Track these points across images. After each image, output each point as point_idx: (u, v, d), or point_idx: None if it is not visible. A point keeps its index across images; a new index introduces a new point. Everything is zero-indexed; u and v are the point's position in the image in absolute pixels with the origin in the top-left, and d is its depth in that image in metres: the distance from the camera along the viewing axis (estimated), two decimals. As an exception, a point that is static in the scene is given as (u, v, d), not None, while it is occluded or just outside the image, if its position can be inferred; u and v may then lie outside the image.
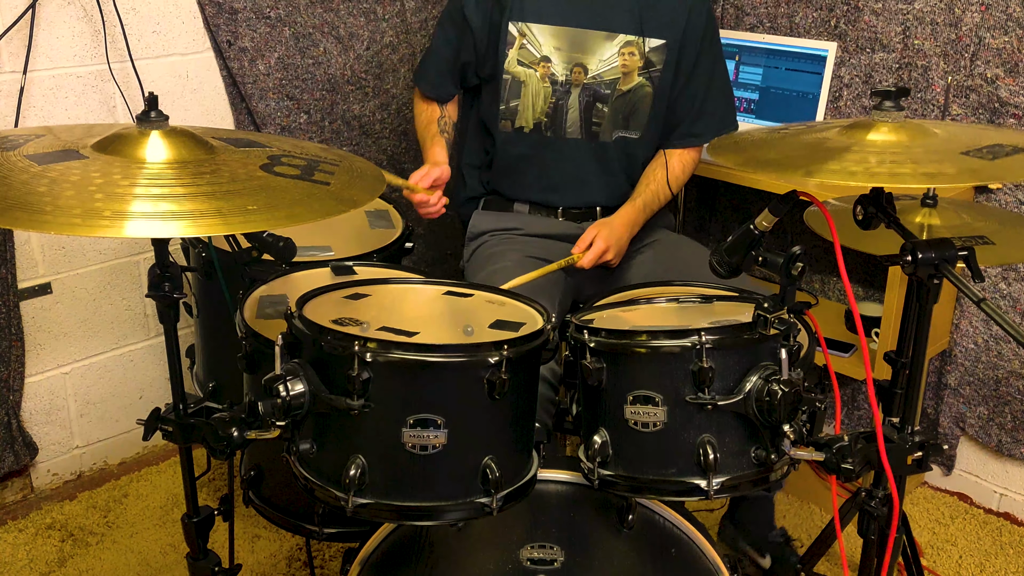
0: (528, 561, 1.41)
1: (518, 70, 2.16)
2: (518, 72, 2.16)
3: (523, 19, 2.14)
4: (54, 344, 2.46)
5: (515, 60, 2.15)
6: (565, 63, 2.14)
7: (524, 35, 2.13)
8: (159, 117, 1.25)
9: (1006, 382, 2.43)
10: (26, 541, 2.33)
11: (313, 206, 1.18)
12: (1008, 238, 1.69)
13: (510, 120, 2.20)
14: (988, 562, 2.33)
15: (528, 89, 2.16)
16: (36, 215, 1.06)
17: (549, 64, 2.14)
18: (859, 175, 1.19)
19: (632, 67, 2.15)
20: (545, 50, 2.13)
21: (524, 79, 2.16)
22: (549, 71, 2.14)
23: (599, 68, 2.14)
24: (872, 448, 1.33)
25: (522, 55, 2.15)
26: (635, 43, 2.14)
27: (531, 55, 2.15)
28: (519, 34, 2.14)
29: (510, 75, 2.17)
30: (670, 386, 1.34)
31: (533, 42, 2.13)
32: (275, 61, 2.61)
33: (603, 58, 2.14)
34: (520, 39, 2.14)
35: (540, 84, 2.15)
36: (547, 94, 2.16)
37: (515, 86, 2.17)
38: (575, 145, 2.19)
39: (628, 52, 2.14)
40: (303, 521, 1.76)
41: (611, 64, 2.14)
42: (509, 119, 2.20)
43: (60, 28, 2.28)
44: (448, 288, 1.61)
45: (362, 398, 1.26)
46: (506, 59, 2.16)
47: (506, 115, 2.20)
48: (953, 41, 2.35)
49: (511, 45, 2.15)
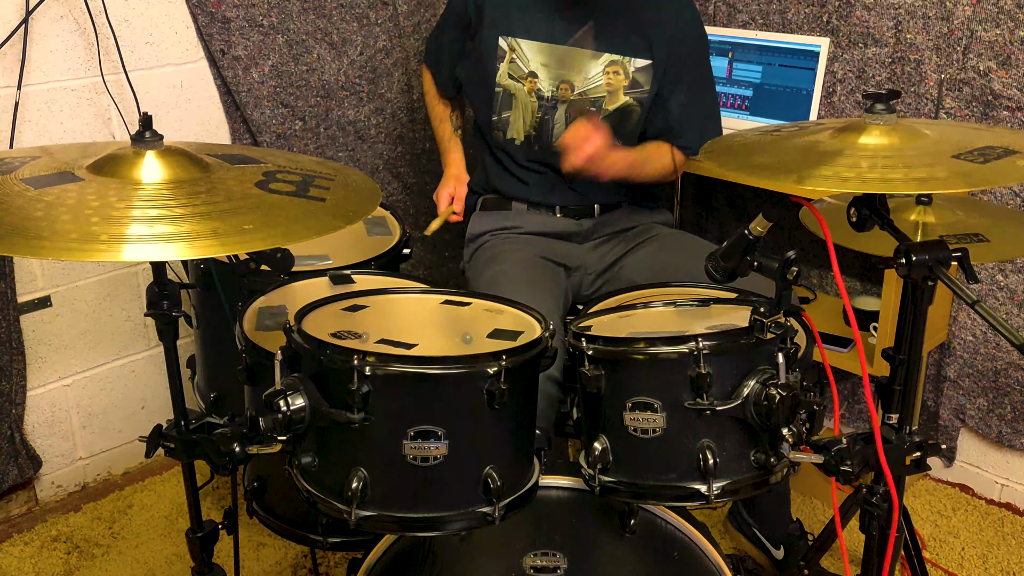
0: (531, 569, 1.42)
1: (509, 83, 2.18)
2: (509, 85, 2.18)
3: (511, 34, 2.16)
4: (55, 357, 2.47)
5: (506, 73, 2.17)
6: (551, 80, 2.16)
7: (513, 50, 2.14)
8: (153, 136, 1.25)
9: (1005, 373, 2.44)
10: (32, 554, 2.34)
11: (309, 224, 1.18)
12: (1002, 234, 1.70)
13: (502, 131, 2.23)
14: (991, 553, 2.34)
15: (518, 102, 2.18)
16: (33, 240, 1.06)
17: (536, 80, 2.15)
18: (851, 181, 1.19)
19: (617, 86, 2.15)
20: (532, 66, 2.15)
21: (514, 92, 2.18)
22: (536, 87, 2.16)
23: (585, 86, 2.16)
24: (871, 450, 1.34)
25: (512, 69, 2.17)
26: (620, 62, 2.15)
27: (520, 70, 2.16)
28: (509, 48, 2.15)
29: (502, 88, 2.19)
30: (669, 392, 1.34)
31: (521, 57, 2.14)
32: (269, 69, 2.62)
33: (588, 76, 2.15)
34: (510, 53, 2.16)
35: (528, 98, 2.17)
36: (534, 108, 2.18)
37: (506, 99, 2.19)
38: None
39: (613, 71, 2.15)
40: (307, 531, 1.77)
41: (596, 82, 2.15)
42: (501, 130, 2.23)
43: (53, 42, 2.28)
44: (446, 297, 1.62)
45: (362, 411, 1.27)
46: (497, 72, 2.18)
47: (499, 126, 2.22)
48: (945, 35, 2.35)
49: (502, 59, 2.17)
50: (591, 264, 2.24)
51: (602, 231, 2.28)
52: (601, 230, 2.28)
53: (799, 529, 2.17)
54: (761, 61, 2.63)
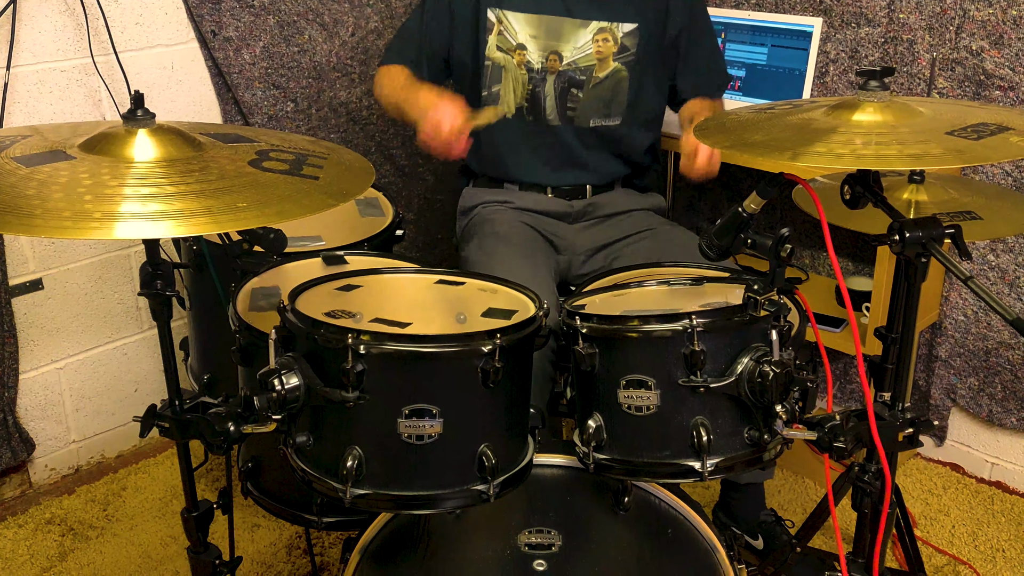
0: (526, 546, 1.43)
1: (497, 56, 2.16)
2: (498, 58, 2.16)
3: (499, 6, 2.14)
4: (47, 340, 2.46)
5: (495, 46, 2.15)
6: (540, 51, 2.14)
7: (501, 21, 2.12)
8: (146, 115, 1.24)
9: (996, 353, 2.45)
10: (26, 536, 2.34)
11: (303, 202, 1.18)
12: (995, 212, 1.70)
13: (493, 106, 2.20)
14: (980, 531, 2.36)
15: (508, 75, 2.16)
16: (26, 219, 1.06)
17: (524, 52, 2.14)
18: (846, 157, 1.19)
19: (607, 53, 2.15)
20: (520, 38, 2.13)
21: (504, 64, 2.16)
22: (525, 59, 2.14)
23: (573, 55, 2.14)
24: (864, 426, 1.35)
25: (500, 41, 2.15)
26: (608, 29, 2.14)
27: (508, 42, 2.15)
28: (496, 20, 2.13)
29: (491, 61, 2.17)
30: (662, 370, 1.35)
31: (509, 29, 2.12)
32: (260, 50, 2.60)
33: (577, 45, 2.14)
34: (498, 25, 2.14)
35: (518, 71, 2.15)
36: (524, 81, 2.16)
37: (496, 72, 2.17)
38: (558, 131, 2.20)
39: (602, 39, 2.14)
40: (302, 511, 1.77)
41: (585, 51, 2.14)
42: (492, 104, 2.20)
43: (42, 22, 2.26)
44: (440, 276, 1.61)
45: (357, 390, 1.27)
46: (486, 46, 2.16)
47: (489, 101, 2.19)
48: (938, 14, 2.35)
49: (490, 31, 2.15)
50: (580, 245, 2.23)
51: (593, 213, 2.27)
52: (592, 212, 2.27)
53: (773, 515, 2.19)
54: (754, 41, 2.63)
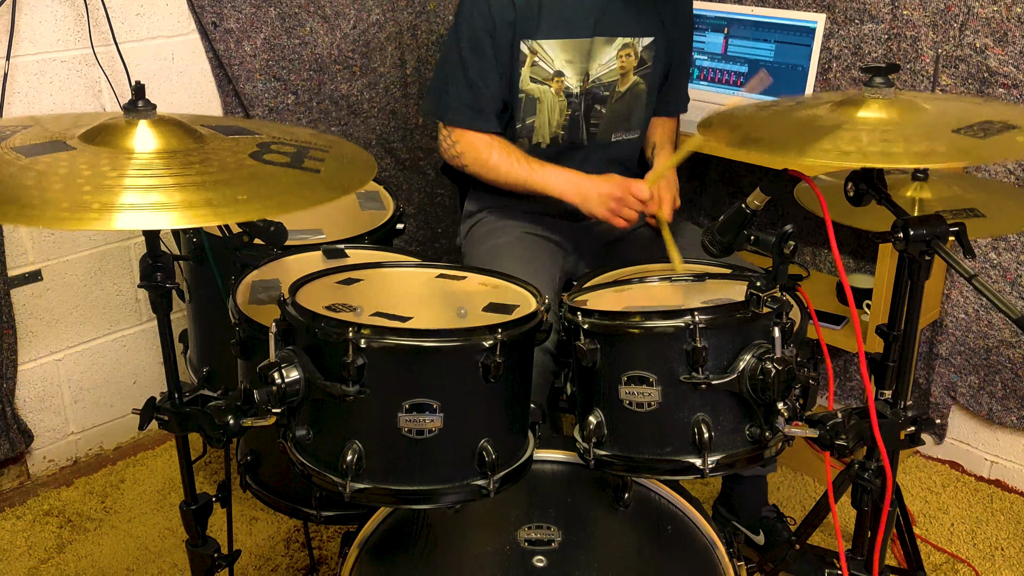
0: (526, 542, 1.42)
1: (531, 87, 2.12)
2: (532, 89, 2.12)
3: (532, 36, 2.09)
4: (46, 331, 2.46)
5: (528, 78, 2.11)
6: (578, 75, 2.13)
7: (535, 52, 2.10)
8: (146, 106, 1.24)
9: (996, 351, 2.44)
10: (24, 528, 2.34)
11: (304, 194, 1.17)
12: (998, 210, 1.70)
13: (527, 138, 2.17)
14: (979, 529, 2.36)
15: (543, 105, 2.13)
16: (25, 209, 1.05)
17: (563, 78, 2.12)
18: (853, 155, 1.19)
19: (629, 67, 2.15)
20: (557, 64, 2.10)
21: (539, 95, 2.13)
22: (564, 85, 2.12)
23: (598, 72, 2.13)
24: (865, 424, 1.34)
25: (535, 72, 2.11)
26: (631, 44, 2.14)
27: (544, 71, 2.11)
28: (530, 52, 2.10)
29: (524, 94, 2.12)
30: (664, 366, 1.34)
31: (545, 58, 2.10)
32: (261, 42, 2.59)
33: (602, 62, 2.13)
34: (531, 56, 2.10)
35: (556, 99, 2.13)
36: (563, 107, 2.14)
37: (530, 104, 2.13)
38: (584, 149, 2.20)
39: (625, 54, 2.14)
40: (301, 505, 1.76)
41: (609, 67, 2.14)
42: (526, 136, 2.17)
43: (43, 12, 2.25)
44: (441, 271, 1.61)
45: (357, 384, 1.27)
46: (519, 78, 2.12)
47: (523, 133, 2.16)
48: (942, 11, 2.34)
49: (523, 64, 2.10)
50: (587, 244, 2.22)
51: None
52: None
53: (775, 511, 2.19)
54: (757, 37, 2.62)
